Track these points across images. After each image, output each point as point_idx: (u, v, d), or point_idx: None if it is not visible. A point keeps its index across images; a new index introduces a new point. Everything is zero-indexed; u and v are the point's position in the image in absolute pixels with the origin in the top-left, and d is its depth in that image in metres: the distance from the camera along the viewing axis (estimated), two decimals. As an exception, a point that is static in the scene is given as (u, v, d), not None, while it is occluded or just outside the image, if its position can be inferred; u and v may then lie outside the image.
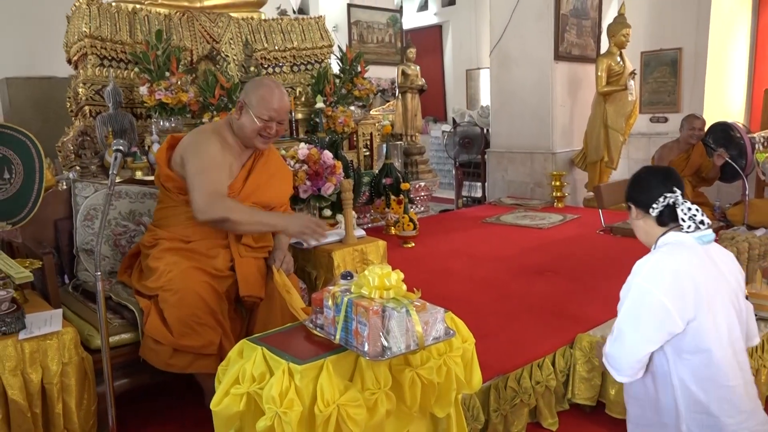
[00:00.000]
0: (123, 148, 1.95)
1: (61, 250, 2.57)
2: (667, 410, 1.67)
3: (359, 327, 1.45)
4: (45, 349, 1.85)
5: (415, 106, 6.39)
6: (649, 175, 1.80)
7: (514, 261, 4.04)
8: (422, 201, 5.87)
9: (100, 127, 4.08)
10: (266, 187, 2.44)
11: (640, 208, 1.78)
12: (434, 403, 1.62)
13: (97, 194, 2.55)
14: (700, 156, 5.05)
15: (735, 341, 1.67)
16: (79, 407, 1.91)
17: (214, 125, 2.46)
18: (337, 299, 1.53)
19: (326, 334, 1.56)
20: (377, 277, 1.48)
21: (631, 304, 1.66)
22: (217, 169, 2.26)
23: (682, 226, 1.69)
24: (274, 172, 2.51)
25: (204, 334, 2.08)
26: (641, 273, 1.66)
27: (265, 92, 2.32)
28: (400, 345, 1.44)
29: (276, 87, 2.37)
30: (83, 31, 4.28)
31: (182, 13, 4.89)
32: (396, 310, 1.43)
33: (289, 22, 5.44)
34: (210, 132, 2.38)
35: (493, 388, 2.36)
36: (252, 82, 2.45)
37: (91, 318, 2.17)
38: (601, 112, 6.13)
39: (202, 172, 2.21)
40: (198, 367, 2.10)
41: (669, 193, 1.71)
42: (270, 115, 2.31)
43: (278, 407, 1.38)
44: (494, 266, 3.93)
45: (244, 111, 2.34)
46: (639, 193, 1.78)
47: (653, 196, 1.72)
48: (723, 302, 1.66)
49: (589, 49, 6.62)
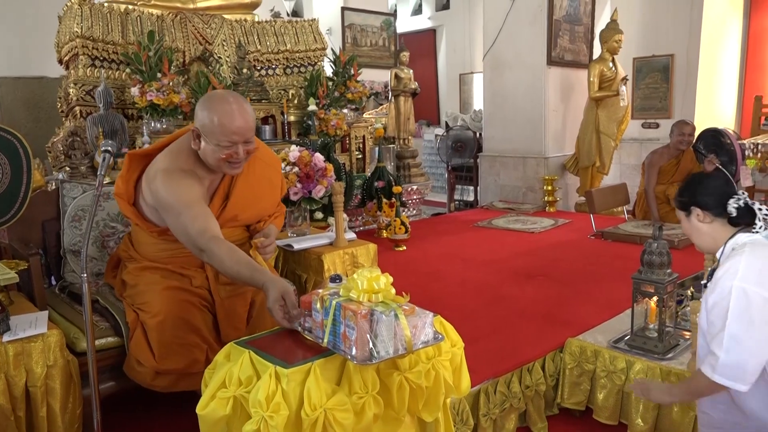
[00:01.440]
0: (112, 149, 1.92)
1: (48, 251, 2.54)
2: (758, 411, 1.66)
3: (347, 330, 1.44)
4: (30, 351, 1.83)
5: (407, 110, 6.40)
6: (711, 179, 1.80)
7: (505, 265, 4.04)
8: (414, 204, 5.87)
9: (90, 127, 4.06)
10: (252, 202, 2.24)
11: (708, 210, 1.76)
12: (422, 407, 1.61)
13: (85, 195, 2.53)
14: (690, 161, 5.07)
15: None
16: (64, 411, 1.88)
17: (176, 160, 2.08)
18: (325, 302, 1.52)
19: (314, 338, 1.56)
20: (366, 281, 1.47)
21: (737, 308, 1.58)
22: (196, 206, 1.98)
23: (754, 225, 1.69)
24: (258, 181, 2.24)
25: (188, 354, 2.01)
26: (737, 275, 1.60)
27: (219, 113, 1.96)
28: (389, 349, 1.43)
29: (230, 101, 2.00)
30: (75, 31, 4.26)
31: (175, 14, 4.88)
32: (384, 314, 1.42)
33: (282, 25, 5.44)
34: (178, 178, 2.03)
35: (482, 392, 2.36)
36: (202, 103, 2.04)
37: (77, 320, 2.15)
38: (593, 117, 6.15)
39: (180, 214, 1.95)
40: (183, 386, 2.05)
41: (737, 194, 1.72)
42: (231, 139, 1.98)
43: (265, 411, 1.37)
44: (485, 270, 3.93)
45: (202, 139, 2.01)
46: (707, 196, 1.76)
47: (722, 198, 1.72)
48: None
49: (582, 54, 6.66)
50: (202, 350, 2.02)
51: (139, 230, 2.21)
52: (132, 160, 2.19)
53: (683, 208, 1.83)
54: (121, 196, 2.14)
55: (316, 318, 1.56)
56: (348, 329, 1.44)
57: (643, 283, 2.46)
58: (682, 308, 2.81)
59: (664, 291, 2.41)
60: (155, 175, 2.04)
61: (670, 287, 2.44)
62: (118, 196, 2.15)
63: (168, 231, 2.05)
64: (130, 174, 2.16)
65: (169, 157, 2.10)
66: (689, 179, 1.86)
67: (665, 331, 2.47)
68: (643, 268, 2.46)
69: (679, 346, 2.49)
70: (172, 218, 1.97)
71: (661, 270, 2.42)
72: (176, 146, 2.15)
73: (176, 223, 1.96)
